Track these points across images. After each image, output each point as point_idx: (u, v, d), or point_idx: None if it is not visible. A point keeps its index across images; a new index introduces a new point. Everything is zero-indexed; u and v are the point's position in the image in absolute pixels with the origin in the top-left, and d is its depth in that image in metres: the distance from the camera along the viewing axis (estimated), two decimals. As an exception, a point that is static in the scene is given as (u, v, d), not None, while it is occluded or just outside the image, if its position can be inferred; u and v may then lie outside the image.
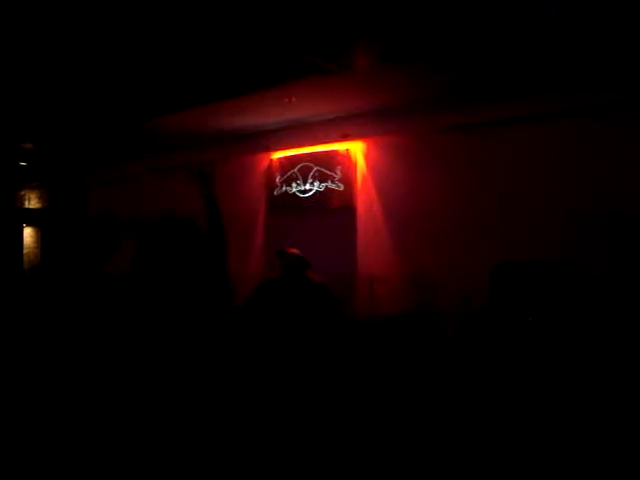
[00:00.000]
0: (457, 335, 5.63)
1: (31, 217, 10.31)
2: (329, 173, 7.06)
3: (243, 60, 5.33)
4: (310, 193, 7.20)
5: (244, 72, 5.59)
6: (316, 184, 7.14)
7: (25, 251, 10.01)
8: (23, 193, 10.73)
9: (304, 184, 7.23)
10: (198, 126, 7.42)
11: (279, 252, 5.44)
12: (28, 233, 10.13)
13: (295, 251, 5.37)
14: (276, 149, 7.53)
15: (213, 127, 7.47)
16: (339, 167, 7.01)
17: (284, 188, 7.42)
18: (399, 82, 5.79)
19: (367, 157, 6.89)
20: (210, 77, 5.73)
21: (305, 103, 6.46)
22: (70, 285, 3.61)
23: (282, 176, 7.44)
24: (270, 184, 7.56)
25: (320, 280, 5.38)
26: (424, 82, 5.78)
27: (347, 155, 6.98)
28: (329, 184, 7.06)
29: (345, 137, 6.93)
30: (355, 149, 6.95)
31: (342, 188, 6.98)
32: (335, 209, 7.02)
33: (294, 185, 7.33)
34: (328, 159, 7.11)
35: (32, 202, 10.64)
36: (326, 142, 7.11)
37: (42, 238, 10.02)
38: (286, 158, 7.47)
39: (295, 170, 7.33)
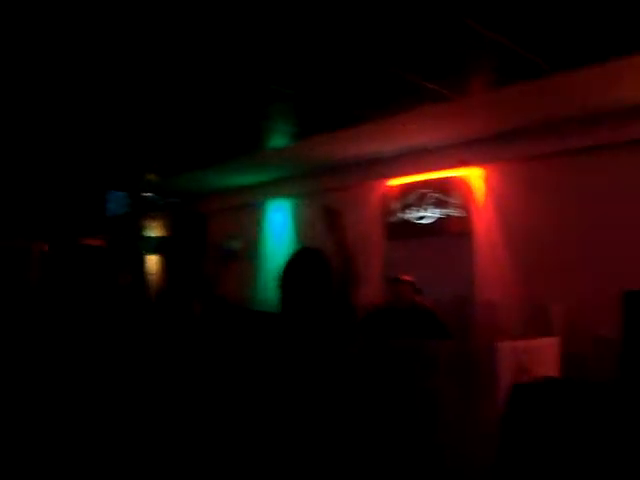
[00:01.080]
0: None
1: (155, 245, 10.82)
2: (446, 199, 6.98)
3: (359, 88, 5.38)
4: (427, 220, 7.14)
5: (360, 100, 5.64)
6: (433, 211, 7.08)
7: (151, 277, 10.52)
8: (146, 222, 11.29)
9: (421, 211, 7.19)
10: (313, 155, 7.56)
11: (393, 279, 5.41)
12: (153, 260, 10.63)
13: (409, 278, 5.33)
14: (392, 176, 7.53)
15: (327, 156, 7.58)
16: (456, 193, 6.91)
17: (400, 215, 7.40)
18: (518, 104, 5.66)
19: (486, 183, 6.75)
20: (326, 106, 5.81)
21: (421, 129, 6.43)
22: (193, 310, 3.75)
23: (398, 203, 7.43)
24: (386, 211, 7.56)
25: (428, 306, 5.28)
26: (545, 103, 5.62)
27: (465, 181, 6.87)
28: (446, 210, 6.97)
29: (463, 163, 6.83)
30: (473, 175, 6.83)
31: (459, 214, 6.86)
32: (452, 235, 6.92)
33: (410, 212, 7.29)
34: (445, 185, 7.03)
35: (155, 231, 11.17)
36: (443, 168, 7.04)
37: (166, 265, 10.49)
38: (402, 185, 7.46)
39: (411, 197, 7.30)
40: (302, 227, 8.55)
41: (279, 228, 9.06)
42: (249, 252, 9.30)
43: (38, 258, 11.48)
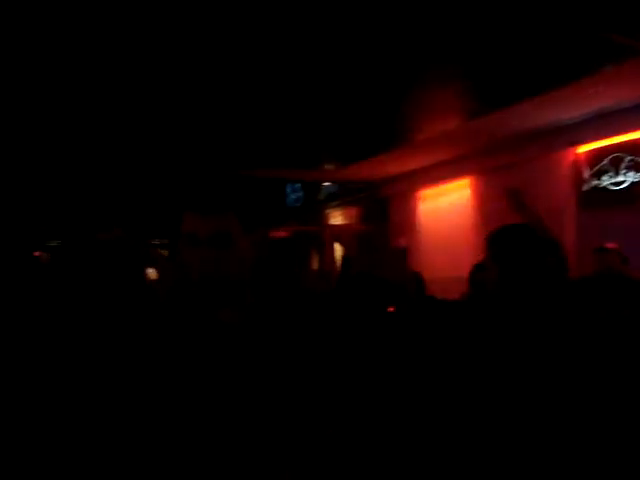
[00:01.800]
0: None
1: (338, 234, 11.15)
2: (645, 161, 6.48)
3: (556, 52, 5.11)
4: (624, 185, 6.67)
5: (554, 65, 5.37)
6: (630, 175, 6.59)
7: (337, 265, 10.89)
8: (328, 211, 11.66)
9: (617, 176, 6.73)
10: (495, 130, 7.36)
11: (599, 248, 5.11)
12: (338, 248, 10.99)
13: (615, 246, 5.02)
14: (581, 143, 7.12)
15: (509, 129, 7.36)
16: (656, 153, 6.38)
17: (594, 182, 6.98)
18: None
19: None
20: (512, 77, 5.64)
21: (613, 90, 6.02)
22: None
23: (590, 170, 7.00)
24: (577, 180, 7.17)
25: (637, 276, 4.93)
26: None
27: (665, 139, 6.33)
28: (646, 173, 6.47)
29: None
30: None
31: (662, 176, 6.34)
32: (655, 200, 6.41)
33: (605, 178, 6.85)
34: (643, 146, 6.51)
35: (336, 219, 11.52)
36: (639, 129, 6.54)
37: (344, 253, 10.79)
38: (593, 151, 7.02)
39: (605, 162, 6.85)
40: (485, 206, 8.37)
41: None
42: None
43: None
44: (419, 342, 3.27)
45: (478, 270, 4.58)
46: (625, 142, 6.67)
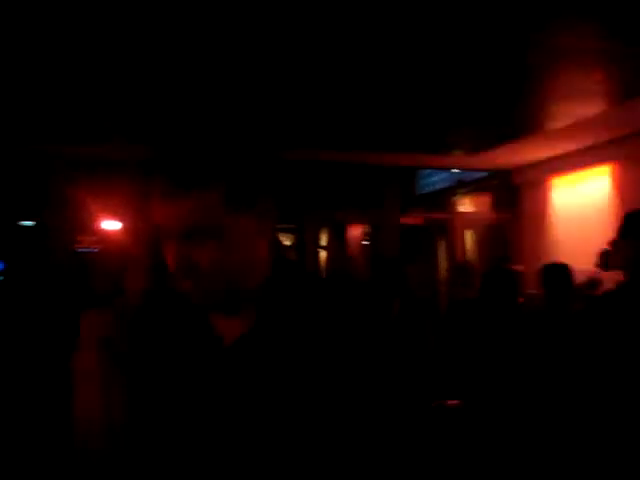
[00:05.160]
0: None
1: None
2: None
3: None
4: None
5: None
6: None
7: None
8: (456, 199, 11.51)
9: None
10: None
11: None
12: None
13: None
14: None
15: None
16: None
17: None
18: None
19: None
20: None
21: None
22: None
23: None
24: None
25: None
26: None
27: None
28: None
29: None
30: None
31: None
32: None
33: None
34: None
35: (465, 207, 11.35)
36: None
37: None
38: None
39: None
40: (626, 195, 7.93)
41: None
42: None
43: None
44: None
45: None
46: None
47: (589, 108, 6.81)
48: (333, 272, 12.59)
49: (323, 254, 14.83)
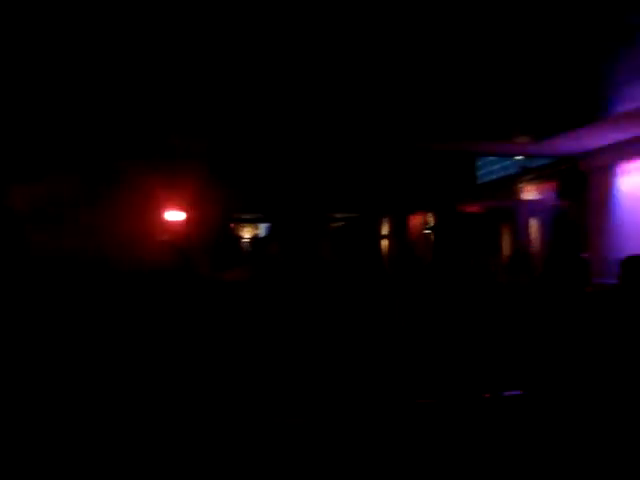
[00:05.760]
0: None
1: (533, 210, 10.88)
2: None
3: None
4: None
5: None
6: None
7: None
8: (521, 186, 11.38)
9: None
10: None
11: None
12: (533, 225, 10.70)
13: None
14: None
15: None
16: None
17: None
18: None
19: None
20: None
21: None
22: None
23: None
24: None
25: None
26: None
27: None
28: None
29: None
30: None
31: None
32: None
33: None
34: None
35: (530, 194, 11.21)
36: None
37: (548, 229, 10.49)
38: None
39: None
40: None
41: None
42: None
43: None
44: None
45: None
46: None
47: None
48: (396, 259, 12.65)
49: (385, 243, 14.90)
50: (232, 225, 13.71)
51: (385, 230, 15.51)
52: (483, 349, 4.66)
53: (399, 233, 14.40)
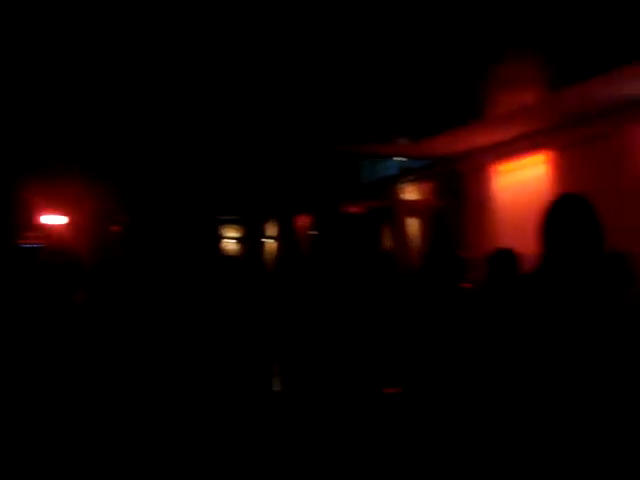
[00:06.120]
0: None
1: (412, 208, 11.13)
2: None
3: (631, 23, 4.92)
4: None
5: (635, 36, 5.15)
6: None
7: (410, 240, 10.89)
8: (401, 186, 11.64)
9: None
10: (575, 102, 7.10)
11: None
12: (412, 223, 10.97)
13: None
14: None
15: (588, 102, 7.05)
16: None
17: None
18: None
19: None
20: (598, 45, 5.40)
21: None
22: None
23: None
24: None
25: None
26: None
27: None
28: None
29: None
30: None
31: None
32: None
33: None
34: None
35: (410, 195, 11.48)
36: None
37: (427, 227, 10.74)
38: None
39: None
40: (563, 181, 8.15)
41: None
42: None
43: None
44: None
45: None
46: None
47: (527, 96, 6.95)
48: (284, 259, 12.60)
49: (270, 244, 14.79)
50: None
51: (273, 232, 15.54)
52: (356, 339, 4.64)
53: (286, 234, 14.38)
